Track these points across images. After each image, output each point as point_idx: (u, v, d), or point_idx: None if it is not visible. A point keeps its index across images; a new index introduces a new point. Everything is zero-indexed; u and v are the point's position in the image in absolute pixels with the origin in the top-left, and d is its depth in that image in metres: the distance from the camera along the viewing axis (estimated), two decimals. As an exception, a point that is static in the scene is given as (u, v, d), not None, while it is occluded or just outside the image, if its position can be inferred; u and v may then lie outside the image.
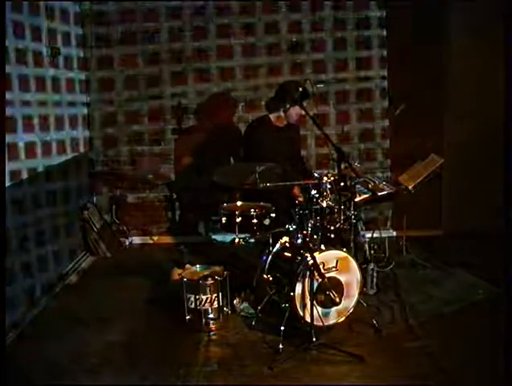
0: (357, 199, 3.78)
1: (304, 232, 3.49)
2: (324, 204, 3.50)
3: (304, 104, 3.86)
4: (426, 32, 4.90)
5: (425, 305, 3.78)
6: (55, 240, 4.35)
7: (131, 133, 5.35)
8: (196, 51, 5.19)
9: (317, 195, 3.50)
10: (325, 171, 3.84)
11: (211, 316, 3.55)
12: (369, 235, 4.15)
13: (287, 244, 3.57)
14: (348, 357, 3.11)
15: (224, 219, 3.61)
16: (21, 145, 3.88)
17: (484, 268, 4.25)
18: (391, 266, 4.25)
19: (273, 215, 3.60)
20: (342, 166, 3.40)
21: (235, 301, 3.77)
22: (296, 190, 3.88)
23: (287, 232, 3.59)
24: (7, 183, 3.54)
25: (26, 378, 3.05)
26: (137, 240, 5.43)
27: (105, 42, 5.17)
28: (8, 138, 3.61)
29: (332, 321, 3.37)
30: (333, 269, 3.30)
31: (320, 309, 3.26)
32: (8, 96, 3.59)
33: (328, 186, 3.51)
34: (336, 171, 3.47)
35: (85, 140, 5.24)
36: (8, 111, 3.61)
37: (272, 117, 4.12)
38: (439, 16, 4.88)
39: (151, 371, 3.08)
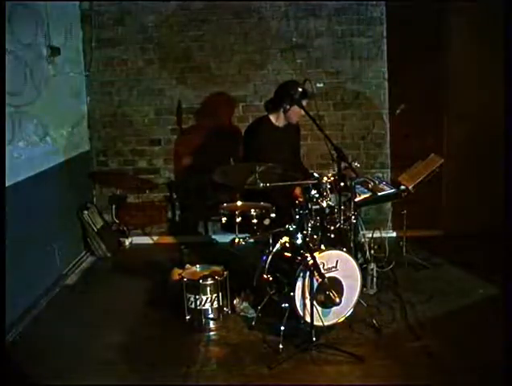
0: (357, 199, 3.78)
1: (304, 231, 3.49)
2: (324, 204, 3.51)
3: (304, 103, 3.86)
4: (426, 32, 4.90)
5: (425, 305, 3.78)
6: (55, 239, 4.34)
7: (131, 133, 5.35)
8: (197, 50, 5.18)
9: (317, 195, 3.50)
10: (325, 171, 3.86)
11: (211, 316, 3.55)
12: (369, 235, 4.15)
13: (287, 244, 3.57)
14: (349, 357, 3.12)
15: (224, 219, 3.61)
16: (21, 144, 3.88)
17: (484, 268, 4.26)
18: (391, 266, 4.24)
19: (273, 215, 3.60)
20: (342, 166, 3.40)
21: (235, 301, 3.77)
22: (297, 191, 3.86)
23: (287, 232, 3.59)
24: (7, 183, 3.54)
25: (27, 378, 3.05)
26: (137, 240, 5.43)
27: (105, 41, 5.17)
28: (8, 138, 3.61)
29: (332, 321, 3.37)
30: (333, 269, 3.30)
31: (319, 309, 3.26)
32: (8, 95, 3.58)
33: (328, 186, 3.52)
34: (336, 171, 3.47)
35: (85, 140, 5.24)
36: (8, 110, 3.60)
37: (272, 117, 4.12)
38: (440, 16, 4.88)
39: (151, 371, 3.09)
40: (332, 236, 3.54)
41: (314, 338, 3.19)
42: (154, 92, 5.26)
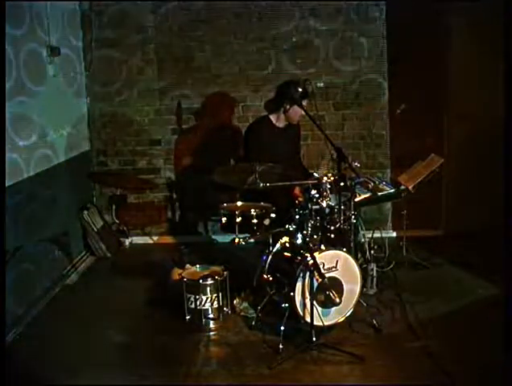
0: (357, 199, 3.78)
1: (304, 231, 3.49)
2: (324, 204, 3.51)
3: (304, 103, 3.86)
4: (426, 32, 4.89)
5: (425, 305, 3.78)
6: (55, 239, 4.34)
7: (131, 133, 5.35)
8: (197, 50, 5.18)
9: (317, 195, 3.50)
10: (324, 171, 3.86)
11: (211, 316, 3.55)
12: (369, 235, 4.15)
13: (287, 244, 3.57)
14: (349, 357, 3.12)
15: (224, 219, 3.60)
16: (21, 144, 3.88)
17: (484, 268, 4.26)
18: (391, 266, 4.24)
19: (273, 215, 3.60)
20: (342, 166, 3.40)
21: (235, 301, 3.77)
22: (297, 191, 3.88)
23: (287, 232, 3.59)
24: (7, 183, 3.54)
25: (27, 378, 3.05)
26: (137, 240, 5.43)
27: (105, 41, 5.16)
28: (8, 138, 3.61)
29: (332, 321, 3.37)
30: (333, 269, 3.30)
31: (319, 309, 3.26)
32: (8, 95, 3.59)
33: (328, 186, 3.52)
34: (336, 171, 3.47)
35: (85, 140, 5.24)
36: (8, 110, 3.60)
37: (272, 117, 4.12)
38: (440, 16, 4.87)
39: (151, 371, 3.09)
40: (332, 236, 3.54)
41: (314, 338, 3.19)
42: (154, 92, 5.26)
